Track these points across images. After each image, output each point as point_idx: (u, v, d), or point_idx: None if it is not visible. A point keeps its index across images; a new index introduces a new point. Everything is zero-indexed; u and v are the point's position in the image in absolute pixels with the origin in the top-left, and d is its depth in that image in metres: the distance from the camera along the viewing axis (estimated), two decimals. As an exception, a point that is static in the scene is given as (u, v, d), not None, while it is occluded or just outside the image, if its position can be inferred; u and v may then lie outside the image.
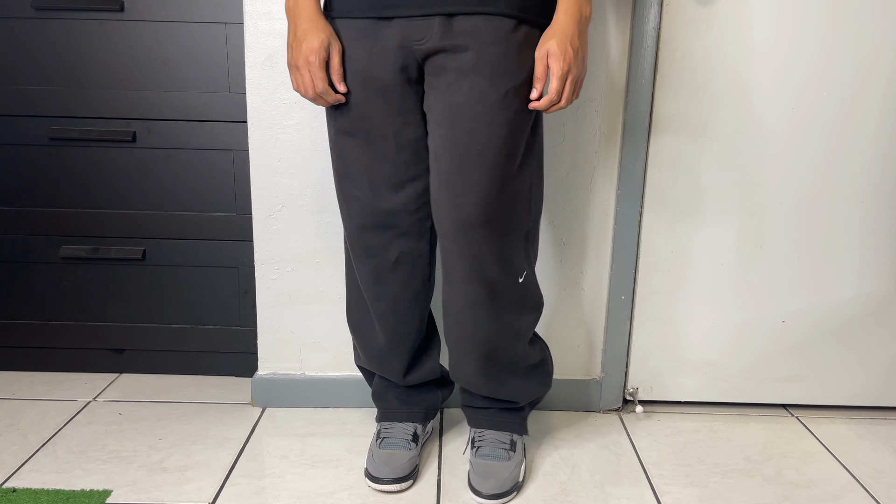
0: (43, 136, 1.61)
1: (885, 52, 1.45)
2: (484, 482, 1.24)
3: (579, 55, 1.08)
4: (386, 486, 1.25)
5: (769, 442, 1.49)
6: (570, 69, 1.07)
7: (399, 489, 1.26)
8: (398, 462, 1.28)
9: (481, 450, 1.30)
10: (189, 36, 1.55)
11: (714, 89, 1.47)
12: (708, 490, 1.31)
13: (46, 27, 1.55)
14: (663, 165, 1.51)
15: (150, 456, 1.37)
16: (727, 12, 1.43)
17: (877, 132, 1.49)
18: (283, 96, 1.45)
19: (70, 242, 1.66)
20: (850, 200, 1.52)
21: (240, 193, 1.63)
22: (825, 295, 1.57)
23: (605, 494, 1.28)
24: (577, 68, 1.08)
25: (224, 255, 1.66)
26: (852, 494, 1.31)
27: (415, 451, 1.32)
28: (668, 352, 1.61)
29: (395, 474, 1.26)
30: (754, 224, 1.54)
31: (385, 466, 1.27)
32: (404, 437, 1.33)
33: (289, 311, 1.56)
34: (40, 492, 1.24)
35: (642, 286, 1.57)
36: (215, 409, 1.58)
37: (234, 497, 1.25)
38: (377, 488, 1.26)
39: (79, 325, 1.71)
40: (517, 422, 1.34)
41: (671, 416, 1.60)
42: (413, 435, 1.34)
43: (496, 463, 1.27)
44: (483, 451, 1.30)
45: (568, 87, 1.08)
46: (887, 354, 1.61)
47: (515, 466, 1.28)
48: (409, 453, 1.30)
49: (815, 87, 1.46)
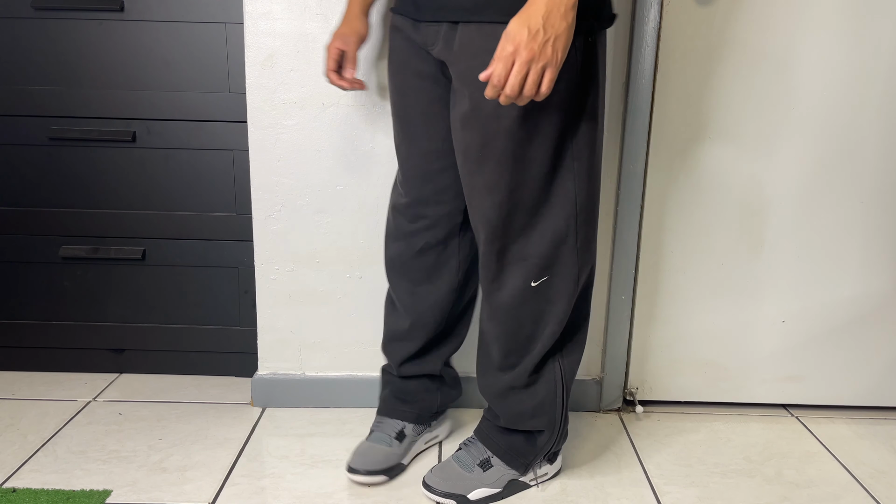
0: (43, 136, 1.61)
1: (885, 52, 1.45)
2: (431, 474, 1.27)
3: (539, 38, 0.91)
4: (358, 476, 1.27)
5: (769, 442, 1.49)
6: (518, 52, 0.92)
7: (370, 482, 1.28)
8: (375, 455, 1.29)
9: (457, 451, 1.31)
10: (189, 36, 1.55)
11: (714, 89, 1.47)
12: (708, 490, 1.31)
13: (46, 27, 1.55)
14: (663, 165, 1.51)
15: (150, 456, 1.37)
16: (727, 12, 1.43)
17: (877, 132, 1.49)
18: (283, 96, 1.45)
19: (70, 242, 1.66)
20: (850, 200, 1.52)
21: (240, 193, 1.63)
22: (825, 295, 1.57)
23: (605, 494, 1.28)
24: (527, 52, 0.91)
25: (224, 255, 1.66)
26: (852, 494, 1.31)
27: (397, 449, 1.32)
28: (668, 352, 1.61)
29: (368, 466, 1.27)
30: (754, 224, 1.54)
31: (361, 457, 1.29)
32: (389, 432, 1.34)
33: (289, 311, 1.56)
34: (40, 492, 1.24)
35: (642, 286, 1.57)
36: (215, 409, 1.58)
37: (234, 497, 1.25)
38: (351, 478, 1.28)
39: (79, 325, 1.71)
40: (505, 446, 1.27)
41: (671, 416, 1.60)
42: (399, 433, 1.34)
43: (455, 466, 1.27)
44: (457, 452, 1.31)
45: (515, 74, 0.92)
46: (887, 354, 1.61)
47: (478, 483, 1.25)
48: (388, 449, 1.31)
49: (815, 87, 1.46)
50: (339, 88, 1.39)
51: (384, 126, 1.47)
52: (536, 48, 0.92)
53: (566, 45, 0.94)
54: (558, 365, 1.21)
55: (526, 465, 1.27)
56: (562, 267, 1.15)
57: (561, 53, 0.94)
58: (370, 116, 1.46)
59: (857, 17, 1.43)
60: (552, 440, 1.24)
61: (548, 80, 0.94)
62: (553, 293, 1.16)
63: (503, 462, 1.26)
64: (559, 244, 1.13)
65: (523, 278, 1.15)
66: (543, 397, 1.21)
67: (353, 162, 1.49)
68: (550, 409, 1.22)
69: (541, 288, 1.16)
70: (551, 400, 1.21)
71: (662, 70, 1.46)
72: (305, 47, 1.43)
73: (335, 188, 1.50)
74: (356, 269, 1.54)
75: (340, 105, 1.46)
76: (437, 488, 1.24)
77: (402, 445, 1.34)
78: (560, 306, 1.17)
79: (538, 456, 1.26)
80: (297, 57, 1.43)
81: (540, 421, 1.22)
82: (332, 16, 1.42)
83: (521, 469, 1.27)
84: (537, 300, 1.16)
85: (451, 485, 1.24)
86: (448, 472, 1.26)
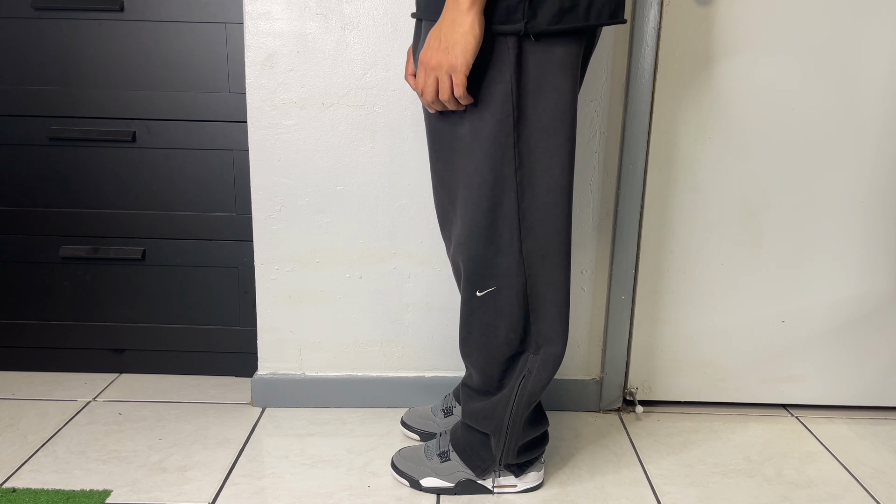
0: (43, 136, 1.61)
1: (885, 52, 1.45)
2: (399, 454, 1.32)
3: (439, 45, 0.96)
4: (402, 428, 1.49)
5: (769, 442, 1.49)
6: (424, 61, 0.98)
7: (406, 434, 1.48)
8: (418, 415, 1.50)
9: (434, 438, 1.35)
10: (189, 36, 1.55)
11: (714, 89, 1.47)
12: (708, 490, 1.31)
13: (46, 27, 1.55)
14: (663, 165, 1.51)
15: (150, 456, 1.37)
16: (727, 12, 1.43)
17: (877, 132, 1.49)
18: (283, 96, 1.45)
19: (70, 242, 1.66)
20: (850, 200, 1.52)
21: (240, 193, 1.63)
22: (825, 295, 1.57)
23: (605, 494, 1.28)
24: (429, 60, 0.97)
25: (224, 255, 1.66)
26: (852, 494, 1.31)
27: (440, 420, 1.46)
28: (668, 352, 1.61)
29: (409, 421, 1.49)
30: (754, 224, 1.54)
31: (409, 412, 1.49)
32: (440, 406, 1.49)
33: (289, 311, 1.56)
34: (40, 492, 1.24)
35: (642, 286, 1.57)
36: (215, 409, 1.58)
37: (234, 497, 1.25)
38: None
39: (79, 325, 1.71)
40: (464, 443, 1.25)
41: (671, 416, 1.60)
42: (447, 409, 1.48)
43: (421, 451, 1.31)
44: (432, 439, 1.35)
45: (423, 81, 0.99)
46: (887, 354, 1.61)
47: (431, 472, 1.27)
48: (431, 417, 1.48)
49: (815, 87, 1.46)
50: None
51: (384, 126, 1.47)
52: (437, 55, 0.96)
53: (465, 50, 0.95)
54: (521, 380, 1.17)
55: (483, 468, 1.24)
56: (506, 279, 1.11)
57: (461, 58, 0.95)
58: (370, 116, 1.46)
59: (855, 18, 1.43)
60: (499, 448, 1.21)
61: (456, 85, 0.97)
62: (502, 305, 1.12)
63: (460, 459, 1.26)
64: (499, 255, 1.10)
65: (470, 287, 1.13)
66: (497, 402, 1.19)
67: (353, 162, 1.49)
68: (500, 414, 1.18)
69: (487, 299, 1.13)
70: (502, 406, 1.18)
71: (662, 70, 1.46)
72: (305, 47, 1.43)
73: (335, 188, 1.50)
74: (356, 269, 1.54)
75: (340, 105, 1.46)
76: (397, 466, 1.31)
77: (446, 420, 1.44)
78: (507, 321, 1.13)
79: (495, 462, 1.23)
80: (297, 57, 1.43)
81: (490, 423, 1.20)
82: (333, 16, 1.42)
83: (477, 471, 1.25)
84: (485, 311, 1.13)
85: (409, 467, 1.29)
86: (412, 455, 1.31)
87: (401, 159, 1.48)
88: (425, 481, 1.27)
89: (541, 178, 1.06)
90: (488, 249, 1.10)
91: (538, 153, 1.05)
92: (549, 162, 1.05)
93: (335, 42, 1.43)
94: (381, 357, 1.59)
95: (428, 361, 1.59)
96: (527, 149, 1.05)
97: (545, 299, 1.11)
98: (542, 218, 1.08)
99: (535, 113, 1.03)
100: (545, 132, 1.04)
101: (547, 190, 1.06)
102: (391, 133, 1.47)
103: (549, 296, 1.11)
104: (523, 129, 1.04)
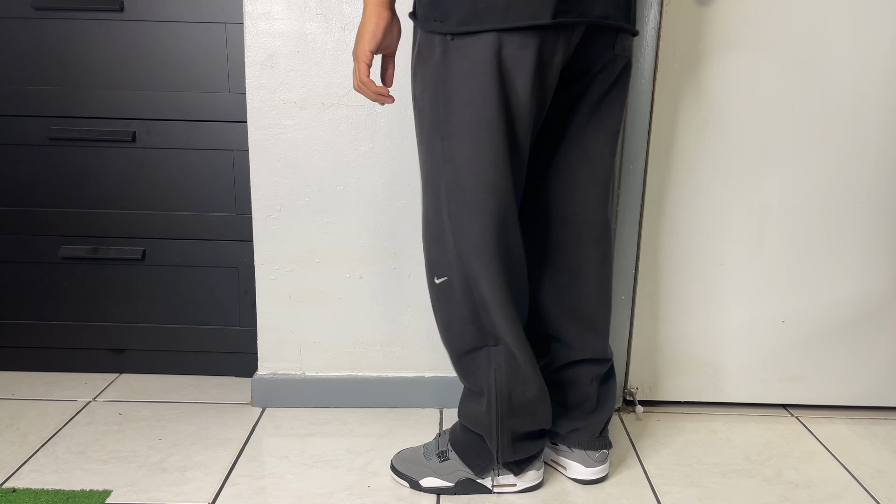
0: (43, 136, 1.61)
1: (884, 52, 1.45)
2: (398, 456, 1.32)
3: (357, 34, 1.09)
4: None
5: (769, 442, 1.49)
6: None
7: None
8: None
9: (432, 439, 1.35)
10: (189, 36, 1.55)
11: (714, 89, 1.47)
12: (708, 490, 1.31)
13: (46, 27, 1.55)
14: (663, 165, 1.51)
15: (150, 456, 1.37)
16: (727, 12, 1.43)
17: (877, 132, 1.49)
18: (283, 96, 1.45)
19: (70, 242, 1.66)
20: (850, 200, 1.52)
21: (240, 193, 1.63)
22: (825, 295, 1.57)
23: (605, 494, 1.28)
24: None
25: (224, 255, 1.66)
26: (852, 494, 1.31)
27: None
28: (668, 352, 1.61)
29: None
30: (754, 224, 1.54)
31: None
32: None
33: (289, 311, 1.56)
34: (40, 492, 1.24)
35: (642, 286, 1.57)
36: (215, 409, 1.58)
37: (234, 497, 1.25)
38: None
39: (79, 325, 1.71)
40: (463, 443, 1.26)
41: (671, 416, 1.60)
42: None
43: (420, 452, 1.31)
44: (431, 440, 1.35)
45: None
46: (887, 354, 1.61)
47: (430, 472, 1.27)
48: None
49: (816, 87, 1.47)
50: None
51: (384, 126, 1.47)
52: (355, 45, 1.09)
53: (363, 39, 1.06)
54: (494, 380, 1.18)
55: (482, 467, 1.24)
56: (451, 272, 1.14)
57: (359, 47, 1.07)
58: (370, 116, 1.46)
59: (856, 19, 1.43)
60: (493, 447, 1.21)
61: (357, 71, 1.08)
62: (454, 299, 1.15)
63: (459, 458, 1.25)
64: (443, 248, 1.13)
65: (429, 274, 1.18)
66: (484, 400, 1.20)
67: (353, 162, 1.49)
68: (486, 417, 1.19)
69: (443, 291, 1.16)
70: (488, 404, 1.19)
71: (662, 70, 1.46)
72: (305, 47, 1.43)
73: (335, 188, 1.50)
74: (356, 269, 1.54)
75: (340, 105, 1.46)
76: (396, 468, 1.31)
77: None
78: (457, 313, 1.15)
79: (493, 461, 1.23)
80: (297, 57, 1.43)
81: (481, 425, 1.21)
82: (332, 16, 1.42)
83: (476, 470, 1.25)
84: (441, 303, 1.17)
85: (408, 468, 1.29)
86: (411, 456, 1.31)
87: (401, 159, 1.49)
88: (425, 481, 1.27)
89: (465, 178, 1.08)
90: (435, 241, 1.15)
91: (462, 152, 1.07)
92: (472, 161, 1.07)
93: (335, 42, 1.43)
94: (381, 357, 1.59)
95: (428, 361, 1.59)
96: (452, 147, 1.08)
97: (486, 296, 1.12)
98: (471, 215, 1.09)
99: (456, 113, 1.05)
100: (466, 131, 1.06)
101: (472, 189, 1.08)
102: (391, 133, 1.47)
103: (488, 293, 1.12)
104: (448, 129, 1.07)
